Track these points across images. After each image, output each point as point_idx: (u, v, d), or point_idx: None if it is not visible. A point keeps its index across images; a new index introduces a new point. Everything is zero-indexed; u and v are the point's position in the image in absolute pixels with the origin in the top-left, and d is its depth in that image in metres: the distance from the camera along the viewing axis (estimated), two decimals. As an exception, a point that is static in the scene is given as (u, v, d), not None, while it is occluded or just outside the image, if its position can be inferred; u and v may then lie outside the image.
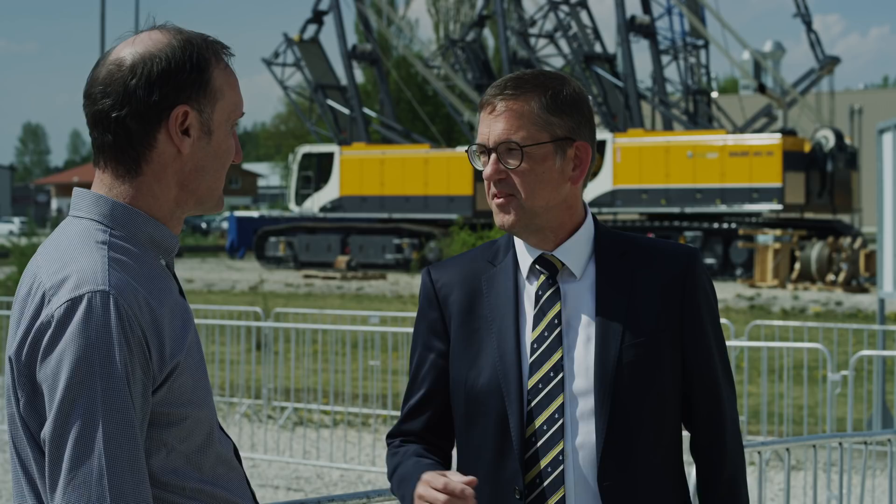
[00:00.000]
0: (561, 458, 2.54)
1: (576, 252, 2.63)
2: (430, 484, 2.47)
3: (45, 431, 2.04)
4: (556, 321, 2.59)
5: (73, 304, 2.05)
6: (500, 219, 2.62)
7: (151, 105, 2.16)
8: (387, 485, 2.87)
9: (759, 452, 5.39)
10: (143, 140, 2.18)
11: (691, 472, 4.66)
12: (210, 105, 2.21)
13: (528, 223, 2.61)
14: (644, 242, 2.68)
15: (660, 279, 2.62)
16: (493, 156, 2.60)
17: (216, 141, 2.24)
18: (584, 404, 2.56)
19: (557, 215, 2.62)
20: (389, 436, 2.78)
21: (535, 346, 2.59)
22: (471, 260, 2.73)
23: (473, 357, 2.63)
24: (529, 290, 2.64)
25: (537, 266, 2.64)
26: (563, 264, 2.63)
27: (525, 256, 2.66)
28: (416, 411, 2.73)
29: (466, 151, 2.70)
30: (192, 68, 2.19)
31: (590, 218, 2.68)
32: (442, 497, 2.44)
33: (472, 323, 2.65)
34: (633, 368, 2.55)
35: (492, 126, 2.60)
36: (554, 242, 2.63)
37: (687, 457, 2.74)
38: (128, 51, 2.19)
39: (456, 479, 2.45)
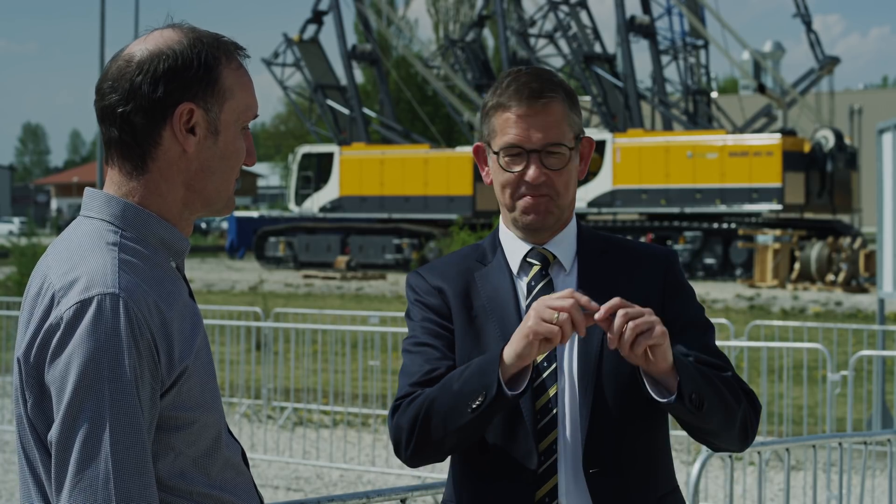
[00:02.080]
0: (554, 447, 2.58)
1: (565, 246, 2.70)
2: (546, 303, 2.41)
3: (53, 434, 2.03)
4: None
5: (83, 306, 2.04)
6: (532, 218, 2.64)
7: (156, 101, 2.15)
8: (387, 484, 2.85)
9: (759, 452, 5.39)
10: (148, 137, 2.17)
11: (691, 472, 4.65)
12: (218, 104, 2.20)
13: (556, 220, 2.67)
14: (623, 243, 2.75)
15: (640, 277, 2.68)
16: (535, 157, 2.61)
17: (224, 141, 2.22)
18: (573, 394, 2.60)
19: (569, 212, 2.71)
20: (399, 399, 2.63)
21: None
22: (459, 260, 2.75)
23: (474, 341, 2.62)
24: (521, 285, 2.68)
25: (528, 259, 2.68)
26: (554, 257, 2.68)
27: (514, 254, 2.70)
28: (436, 372, 2.61)
29: (496, 154, 2.65)
30: (199, 66, 2.17)
31: (574, 216, 2.75)
32: (569, 302, 2.39)
33: (469, 312, 2.66)
34: (616, 358, 2.57)
35: (531, 128, 2.61)
36: (550, 237, 2.69)
37: (685, 456, 2.75)
38: (139, 47, 2.19)
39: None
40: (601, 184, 35.14)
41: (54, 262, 2.14)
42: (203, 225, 69.03)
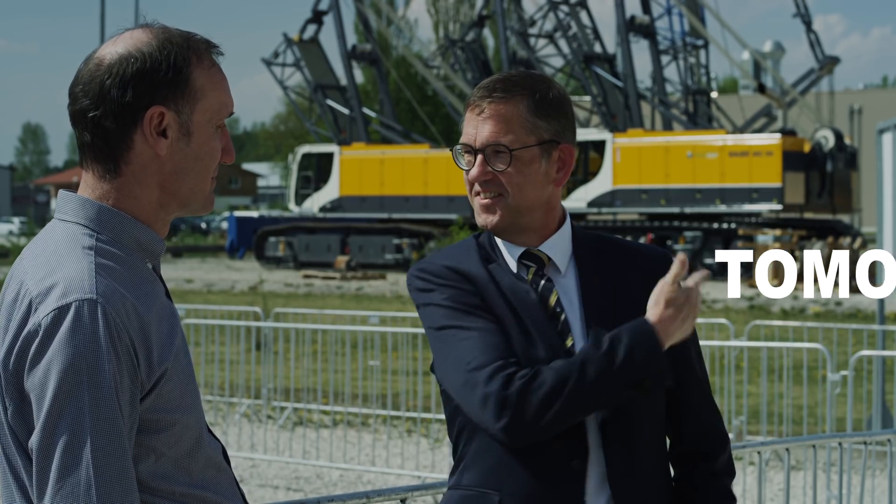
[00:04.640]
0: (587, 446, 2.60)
1: (559, 248, 2.68)
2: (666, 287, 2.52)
3: (33, 441, 2.02)
4: (557, 308, 2.62)
5: (61, 312, 2.03)
6: (485, 218, 2.64)
7: (125, 105, 2.14)
8: (387, 484, 2.83)
9: (759, 452, 5.39)
10: (120, 141, 2.16)
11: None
12: (189, 106, 2.18)
13: (512, 223, 2.63)
14: (620, 243, 2.75)
15: (640, 277, 2.66)
16: (480, 157, 2.62)
17: (197, 142, 2.20)
18: None
19: (540, 216, 2.66)
20: (499, 369, 2.49)
21: None
22: (465, 251, 2.71)
23: (520, 333, 2.57)
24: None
25: (523, 261, 2.67)
26: (549, 258, 2.67)
27: (509, 255, 2.69)
28: (509, 348, 2.54)
29: (451, 151, 2.70)
30: (168, 68, 2.15)
31: (568, 218, 2.73)
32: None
33: (491, 304, 2.59)
34: None
35: (479, 128, 2.62)
36: (538, 240, 2.67)
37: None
38: (108, 50, 2.17)
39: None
40: (601, 184, 35.10)
41: (31, 268, 2.13)
42: (203, 225, 69.04)
